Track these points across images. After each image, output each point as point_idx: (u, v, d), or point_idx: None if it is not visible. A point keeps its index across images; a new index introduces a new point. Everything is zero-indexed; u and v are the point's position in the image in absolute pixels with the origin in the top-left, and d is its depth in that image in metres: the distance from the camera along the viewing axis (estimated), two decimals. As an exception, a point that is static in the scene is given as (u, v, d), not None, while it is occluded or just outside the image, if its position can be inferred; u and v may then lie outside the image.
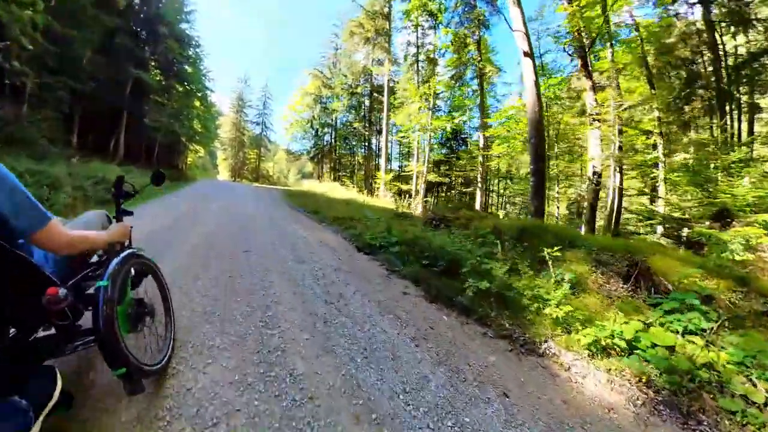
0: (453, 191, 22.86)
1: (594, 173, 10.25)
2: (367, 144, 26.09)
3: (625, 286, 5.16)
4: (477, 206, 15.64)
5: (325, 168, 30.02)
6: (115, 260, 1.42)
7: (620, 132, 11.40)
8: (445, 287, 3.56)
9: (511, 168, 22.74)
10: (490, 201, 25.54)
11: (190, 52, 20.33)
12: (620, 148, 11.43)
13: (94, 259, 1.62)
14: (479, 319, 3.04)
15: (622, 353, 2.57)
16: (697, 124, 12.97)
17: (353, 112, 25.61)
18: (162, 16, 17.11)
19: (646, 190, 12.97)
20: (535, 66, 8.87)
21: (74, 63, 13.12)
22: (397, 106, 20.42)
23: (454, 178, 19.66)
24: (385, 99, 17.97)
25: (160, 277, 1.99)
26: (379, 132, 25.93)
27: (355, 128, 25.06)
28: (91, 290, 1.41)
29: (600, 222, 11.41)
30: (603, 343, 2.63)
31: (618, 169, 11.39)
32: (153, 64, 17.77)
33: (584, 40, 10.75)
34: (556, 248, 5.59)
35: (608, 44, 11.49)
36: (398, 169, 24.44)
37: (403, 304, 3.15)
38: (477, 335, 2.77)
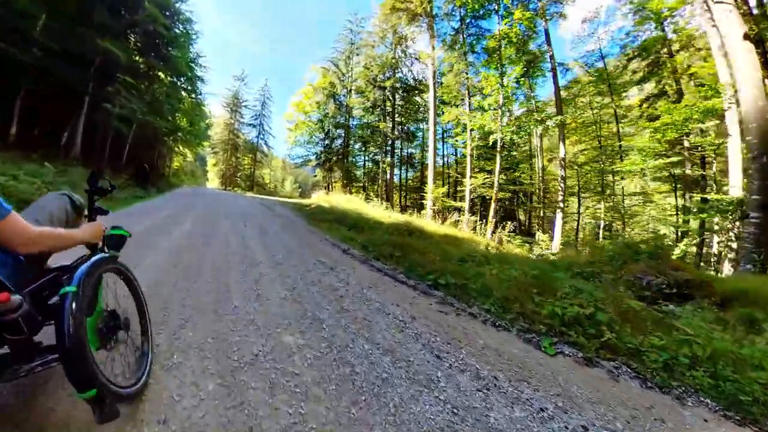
0: (496, 204, 19.33)
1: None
2: (390, 149, 22.21)
3: None
4: (557, 235, 12.13)
5: (333, 177, 26.06)
6: (86, 264, 1.14)
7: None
8: None
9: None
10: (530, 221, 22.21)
11: (178, 31, 16.24)
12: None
13: (59, 263, 1.30)
14: None
15: None
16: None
17: (375, 111, 21.70)
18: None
19: None
20: (759, 54, 5.47)
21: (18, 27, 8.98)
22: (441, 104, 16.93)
23: (511, 195, 16.14)
24: (431, 95, 14.39)
25: (137, 288, 1.59)
26: (406, 135, 22.25)
27: (377, 129, 21.19)
28: (53, 300, 1.12)
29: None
30: None
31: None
32: (131, 39, 13.65)
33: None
34: None
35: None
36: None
37: None
38: None
